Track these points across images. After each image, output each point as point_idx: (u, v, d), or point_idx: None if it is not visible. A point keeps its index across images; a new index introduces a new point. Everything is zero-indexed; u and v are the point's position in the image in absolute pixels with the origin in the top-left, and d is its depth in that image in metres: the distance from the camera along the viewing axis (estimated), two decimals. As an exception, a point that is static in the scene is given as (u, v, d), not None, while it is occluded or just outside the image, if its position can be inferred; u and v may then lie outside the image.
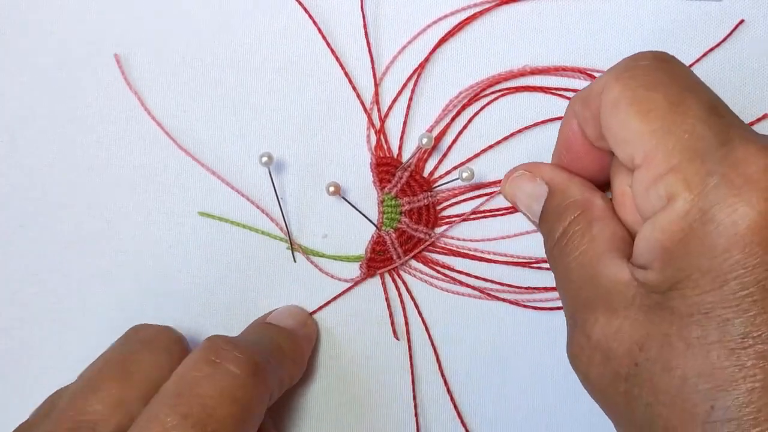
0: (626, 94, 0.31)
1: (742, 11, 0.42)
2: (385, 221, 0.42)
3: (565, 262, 0.33)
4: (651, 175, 0.30)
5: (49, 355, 0.43)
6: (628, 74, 0.31)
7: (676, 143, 0.29)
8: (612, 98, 0.31)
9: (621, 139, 0.31)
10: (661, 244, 0.29)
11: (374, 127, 0.43)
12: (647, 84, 0.31)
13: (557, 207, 0.35)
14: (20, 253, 0.43)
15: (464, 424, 0.42)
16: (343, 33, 0.43)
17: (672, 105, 0.30)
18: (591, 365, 0.31)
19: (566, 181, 0.35)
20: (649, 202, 0.30)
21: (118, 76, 0.43)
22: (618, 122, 0.31)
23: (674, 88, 0.31)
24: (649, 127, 0.30)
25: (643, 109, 0.30)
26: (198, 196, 0.43)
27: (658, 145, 0.29)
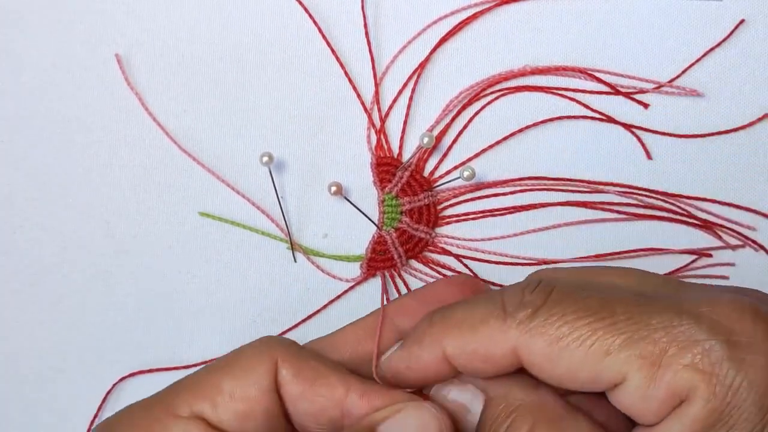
0: (554, 343, 0.29)
1: (742, 11, 0.42)
2: (386, 221, 0.42)
3: None
4: (641, 383, 0.28)
5: (49, 355, 0.43)
6: (536, 325, 0.30)
7: (647, 345, 0.28)
8: (540, 356, 0.30)
9: (582, 380, 0.29)
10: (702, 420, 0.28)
11: (374, 126, 0.43)
12: (564, 320, 0.29)
13: (501, 418, 0.31)
14: (20, 253, 0.43)
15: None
16: (343, 33, 0.43)
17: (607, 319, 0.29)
18: None
19: (505, 384, 0.32)
20: (655, 407, 0.29)
21: (117, 76, 0.43)
22: (566, 370, 0.29)
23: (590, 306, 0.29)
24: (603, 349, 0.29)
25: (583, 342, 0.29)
26: (198, 196, 0.43)
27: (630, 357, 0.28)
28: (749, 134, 0.42)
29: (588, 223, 0.42)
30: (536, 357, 0.30)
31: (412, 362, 0.33)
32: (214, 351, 0.42)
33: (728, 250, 0.42)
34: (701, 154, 0.42)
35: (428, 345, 0.32)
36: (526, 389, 0.31)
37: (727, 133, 0.42)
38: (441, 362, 0.32)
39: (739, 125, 0.42)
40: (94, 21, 0.43)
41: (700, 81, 0.42)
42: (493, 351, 0.30)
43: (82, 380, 0.43)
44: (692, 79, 0.42)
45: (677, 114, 0.42)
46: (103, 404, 0.42)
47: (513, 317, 0.30)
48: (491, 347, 0.30)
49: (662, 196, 0.42)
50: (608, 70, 0.42)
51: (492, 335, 0.30)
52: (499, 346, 0.30)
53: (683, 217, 0.42)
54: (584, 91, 0.42)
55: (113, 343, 0.43)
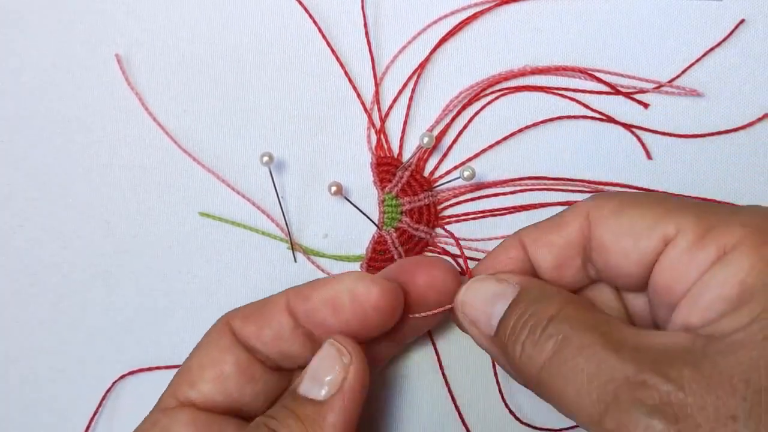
0: (625, 200, 0.33)
1: (742, 11, 0.42)
2: (386, 221, 0.42)
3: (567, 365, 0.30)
4: (689, 238, 0.31)
5: (49, 355, 0.43)
6: (610, 195, 0.34)
7: (691, 213, 0.31)
8: (613, 207, 0.33)
9: (641, 230, 0.32)
10: (740, 282, 0.29)
11: (374, 126, 0.43)
12: (630, 198, 0.34)
13: (538, 295, 0.33)
14: (20, 253, 0.43)
15: (465, 423, 0.42)
16: (343, 33, 0.43)
17: (662, 199, 0.33)
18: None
19: (540, 281, 0.35)
20: (697, 263, 0.31)
21: (117, 76, 0.43)
22: (631, 219, 0.33)
23: (652, 196, 0.34)
24: (669, 209, 0.32)
25: (653, 202, 0.33)
26: (198, 196, 0.43)
27: (679, 219, 0.31)
28: (749, 134, 0.42)
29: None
30: (603, 214, 0.33)
31: (494, 260, 0.36)
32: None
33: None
34: (701, 154, 0.42)
35: (509, 242, 0.36)
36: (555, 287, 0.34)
37: (727, 133, 0.42)
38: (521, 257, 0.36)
39: (739, 125, 0.42)
40: (94, 21, 0.43)
41: (700, 81, 0.42)
42: (565, 221, 0.35)
43: (82, 379, 0.43)
44: (692, 79, 0.42)
45: (677, 114, 0.42)
46: (103, 402, 0.42)
47: (585, 201, 0.35)
48: (564, 224, 0.35)
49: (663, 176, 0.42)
50: (608, 70, 0.42)
51: (565, 217, 0.35)
52: (573, 219, 0.34)
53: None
54: (584, 91, 0.42)
55: (113, 342, 0.43)
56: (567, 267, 0.35)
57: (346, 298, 0.34)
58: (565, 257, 0.35)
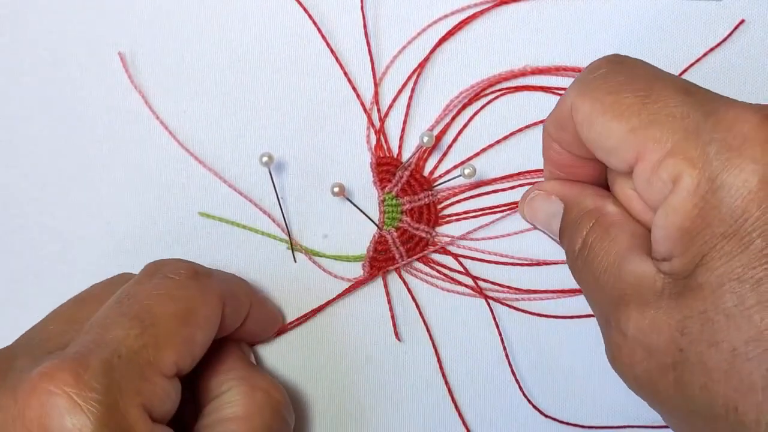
0: (595, 106, 0.32)
1: (742, 11, 0.42)
2: (387, 221, 0.42)
3: (589, 270, 0.33)
4: (648, 166, 0.30)
5: (49, 356, 0.43)
6: (589, 87, 0.32)
7: (662, 129, 0.30)
8: (583, 115, 0.32)
9: (608, 149, 0.32)
10: (679, 225, 0.29)
11: (374, 127, 0.43)
12: (611, 89, 0.32)
13: (573, 220, 0.35)
14: (20, 253, 0.43)
15: (465, 424, 0.42)
16: (343, 33, 0.43)
17: (643, 98, 0.31)
18: (634, 363, 0.31)
19: (578, 194, 0.36)
20: (655, 193, 0.30)
21: (118, 76, 0.43)
22: (598, 135, 0.32)
23: (639, 83, 0.31)
24: (628, 125, 0.30)
25: (617, 113, 0.31)
26: (198, 196, 0.43)
27: (646, 138, 0.30)
28: (749, 134, 0.42)
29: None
30: (580, 117, 0.32)
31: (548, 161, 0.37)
32: (214, 351, 0.42)
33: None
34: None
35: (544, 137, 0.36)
36: (595, 197, 0.35)
37: (727, 133, 0.42)
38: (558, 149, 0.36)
39: (739, 125, 0.42)
40: (95, 21, 0.43)
41: (700, 81, 0.42)
42: (562, 113, 0.34)
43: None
44: (692, 79, 0.42)
45: (677, 114, 0.42)
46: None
47: (578, 80, 0.33)
48: (562, 111, 0.34)
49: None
50: (608, 70, 0.42)
51: (563, 100, 0.34)
52: (564, 108, 0.33)
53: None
54: (584, 91, 0.42)
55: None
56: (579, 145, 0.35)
57: None
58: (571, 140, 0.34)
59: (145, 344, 0.32)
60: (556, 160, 0.36)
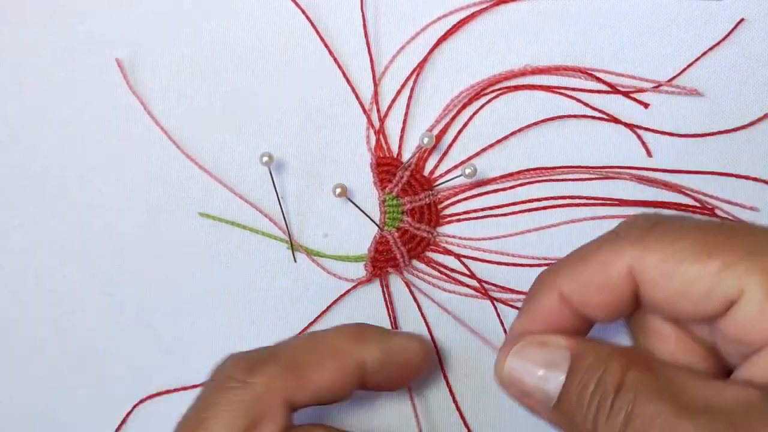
0: (669, 255, 0.29)
1: (742, 11, 0.42)
2: (387, 221, 0.42)
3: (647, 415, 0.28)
4: (760, 295, 0.28)
5: (49, 356, 0.43)
6: (651, 240, 0.30)
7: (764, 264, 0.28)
8: (655, 270, 0.29)
9: (699, 295, 0.29)
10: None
11: (373, 127, 0.43)
12: (677, 236, 0.30)
13: (593, 368, 0.30)
14: (20, 253, 0.43)
15: (466, 424, 0.42)
16: (342, 33, 0.43)
17: (717, 236, 0.29)
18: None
19: (590, 341, 0.31)
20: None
21: (118, 77, 0.43)
22: (682, 285, 0.29)
23: (698, 226, 0.30)
24: (719, 263, 0.29)
25: (701, 255, 0.29)
26: (198, 196, 0.43)
27: (747, 269, 0.28)
28: (749, 134, 0.42)
29: (590, 220, 0.42)
30: (651, 274, 0.29)
31: (533, 316, 0.33)
32: (213, 350, 0.42)
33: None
34: (701, 154, 0.42)
35: (544, 291, 0.32)
36: (612, 343, 0.31)
37: (727, 133, 0.42)
38: (560, 308, 0.32)
39: (739, 125, 0.42)
40: (95, 21, 0.43)
41: (700, 81, 0.42)
42: (608, 275, 0.30)
43: (79, 380, 0.43)
44: (692, 79, 0.42)
45: (677, 114, 0.42)
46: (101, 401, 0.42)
47: (626, 237, 0.30)
48: (606, 271, 0.30)
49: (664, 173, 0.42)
50: (608, 69, 0.42)
51: (606, 259, 0.30)
52: (613, 268, 0.30)
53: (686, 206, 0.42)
54: (584, 90, 0.42)
55: (112, 342, 0.43)
56: (616, 311, 0.32)
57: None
58: (612, 309, 0.32)
59: None
60: (547, 313, 0.32)
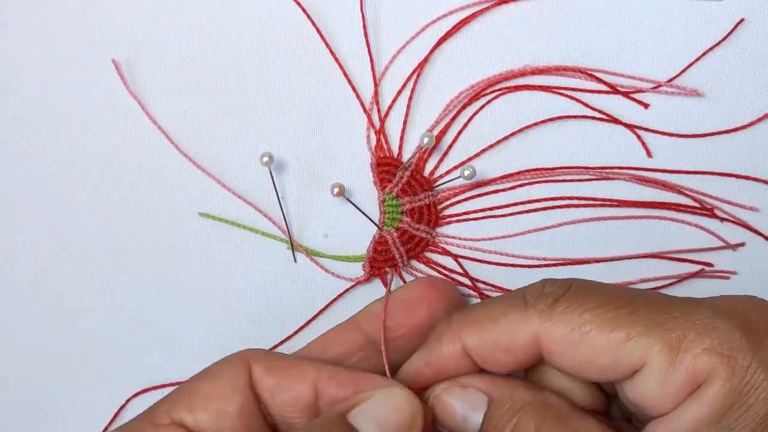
0: (575, 327, 0.30)
1: (742, 11, 0.42)
2: (387, 221, 0.42)
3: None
4: (660, 366, 0.29)
5: (49, 356, 0.43)
6: (556, 312, 0.31)
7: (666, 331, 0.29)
8: (561, 341, 0.31)
9: (603, 365, 0.30)
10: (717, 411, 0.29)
11: (374, 127, 0.43)
12: (584, 309, 0.31)
13: (507, 415, 0.31)
14: (20, 253, 0.43)
15: None
16: (342, 33, 0.43)
17: (626, 309, 0.30)
18: None
19: (507, 385, 0.33)
20: (674, 389, 0.29)
21: (117, 77, 0.43)
22: (588, 355, 0.30)
23: (607, 297, 0.31)
24: (624, 334, 0.30)
25: (607, 326, 0.30)
26: (198, 196, 0.43)
27: (650, 342, 0.29)
28: (749, 134, 0.42)
29: (590, 221, 0.42)
30: (557, 344, 0.31)
31: (432, 359, 0.34)
32: (213, 351, 0.42)
33: (729, 250, 0.42)
34: (701, 154, 0.42)
35: (448, 340, 0.33)
36: (531, 390, 0.32)
37: (727, 133, 0.42)
38: (460, 358, 0.33)
39: (739, 125, 0.42)
40: (95, 21, 0.43)
41: (700, 81, 0.42)
42: (514, 340, 0.31)
43: (79, 379, 0.43)
44: (692, 79, 0.42)
45: (677, 114, 0.42)
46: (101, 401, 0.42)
47: (534, 306, 0.31)
48: (513, 337, 0.31)
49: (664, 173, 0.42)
50: (608, 70, 0.42)
51: (513, 325, 0.31)
52: (520, 335, 0.31)
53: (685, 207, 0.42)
54: (584, 90, 0.42)
55: (112, 342, 0.43)
56: (516, 367, 0.33)
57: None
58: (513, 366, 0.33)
59: None
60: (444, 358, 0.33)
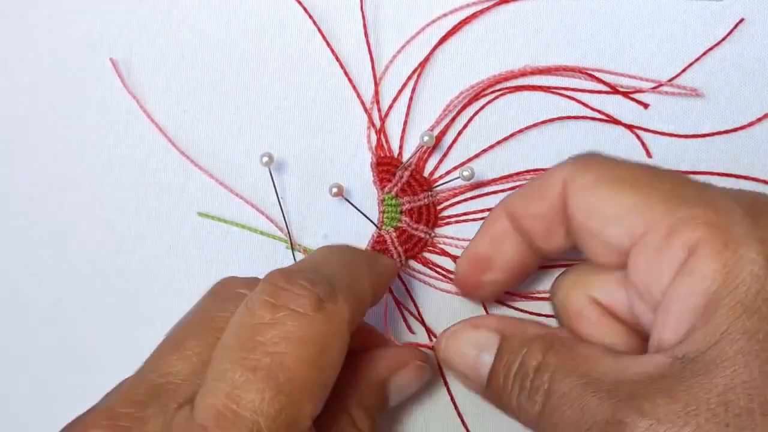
0: (602, 176, 0.31)
1: (742, 11, 0.42)
2: (386, 220, 0.42)
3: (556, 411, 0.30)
4: (659, 235, 0.29)
5: (49, 356, 0.43)
6: (593, 162, 0.32)
7: (676, 201, 0.30)
8: (583, 184, 0.32)
9: (608, 216, 0.31)
10: (707, 292, 0.28)
11: (374, 126, 0.43)
12: (617, 165, 0.32)
13: (516, 348, 0.32)
14: (20, 253, 0.43)
15: (465, 424, 0.42)
16: (343, 32, 0.43)
17: (651, 174, 0.31)
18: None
19: (517, 324, 0.34)
20: (667, 266, 0.29)
21: (117, 77, 0.43)
22: (598, 201, 0.31)
23: (641, 165, 0.32)
24: (639, 197, 0.30)
25: (628, 184, 0.31)
26: (197, 196, 0.43)
27: (658, 209, 0.30)
28: (749, 134, 0.42)
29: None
30: (578, 185, 0.32)
31: (484, 238, 0.36)
32: (214, 351, 0.42)
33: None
34: (701, 154, 0.42)
35: (496, 214, 0.36)
36: (539, 327, 0.33)
37: (727, 133, 0.42)
38: (509, 231, 0.35)
39: (739, 125, 0.42)
40: (94, 21, 0.43)
41: (700, 81, 0.42)
42: (546, 184, 0.33)
43: (79, 380, 0.43)
44: (692, 79, 0.42)
45: (677, 114, 0.42)
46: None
47: (570, 160, 0.33)
48: (545, 182, 0.33)
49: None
50: (608, 69, 0.42)
51: (547, 174, 0.33)
52: (552, 178, 0.33)
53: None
54: (584, 91, 0.42)
55: (112, 342, 0.43)
56: (556, 234, 0.34)
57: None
58: (551, 226, 0.34)
59: (283, 407, 0.29)
60: (497, 237, 0.35)
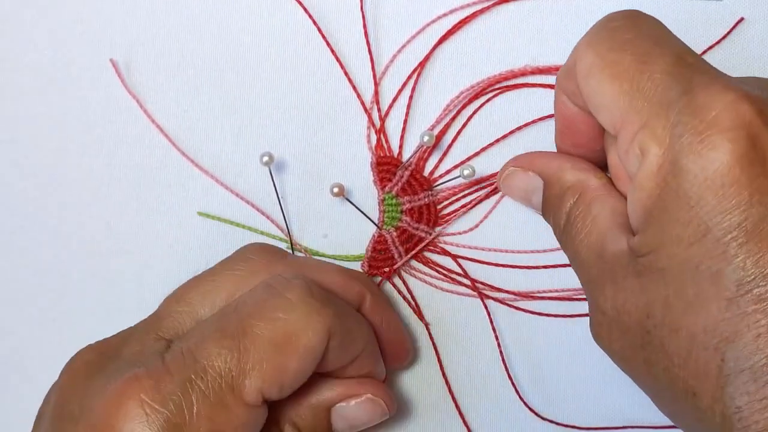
0: (596, 60, 0.31)
1: (742, 11, 0.42)
2: (386, 220, 0.42)
3: (573, 246, 0.34)
4: (628, 135, 0.30)
5: (49, 356, 0.43)
6: (596, 39, 0.32)
7: (644, 99, 0.29)
8: (585, 67, 0.32)
9: (597, 106, 0.31)
10: (642, 203, 0.29)
11: (374, 126, 0.43)
12: (615, 46, 0.31)
13: (555, 196, 0.35)
14: (20, 253, 0.43)
15: (466, 423, 0.42)
16: (342, 32, 0.43)
17: (639, 62, 0.30)
18: (612, 340, 0.31)
19: (559, 168, 0.36)
20: (630, 165, 0.30)
21: (117, 76, 0.43)
22: (592, 89, 0.31)
23: (642, 45, 0.31)
24: (620, 88, 0.30)
25: (614, 71, 0.30)
26: (197, 195, 0.43)
27: (630, 105, 0.30)
28: (749, 134, 0.42)
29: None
30: (582, 67, 0.32)
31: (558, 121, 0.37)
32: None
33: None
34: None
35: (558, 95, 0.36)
36: (575, 172, 0.35)
37: (727, 133, 0.42)
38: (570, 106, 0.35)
39: (739, 125, 0.42)
40: (94, 21, 0.43)
41: (700, 80, 0.42)
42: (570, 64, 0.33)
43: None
44: (692, 79, 0.42)
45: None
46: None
47: (590, 29, 0.33)
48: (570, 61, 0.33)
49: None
50: (608, 69, 0.42)
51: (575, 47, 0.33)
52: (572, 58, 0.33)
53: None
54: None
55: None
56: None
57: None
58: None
59: (231, 369, 0.31)
60: (564, 114, 0.35)
